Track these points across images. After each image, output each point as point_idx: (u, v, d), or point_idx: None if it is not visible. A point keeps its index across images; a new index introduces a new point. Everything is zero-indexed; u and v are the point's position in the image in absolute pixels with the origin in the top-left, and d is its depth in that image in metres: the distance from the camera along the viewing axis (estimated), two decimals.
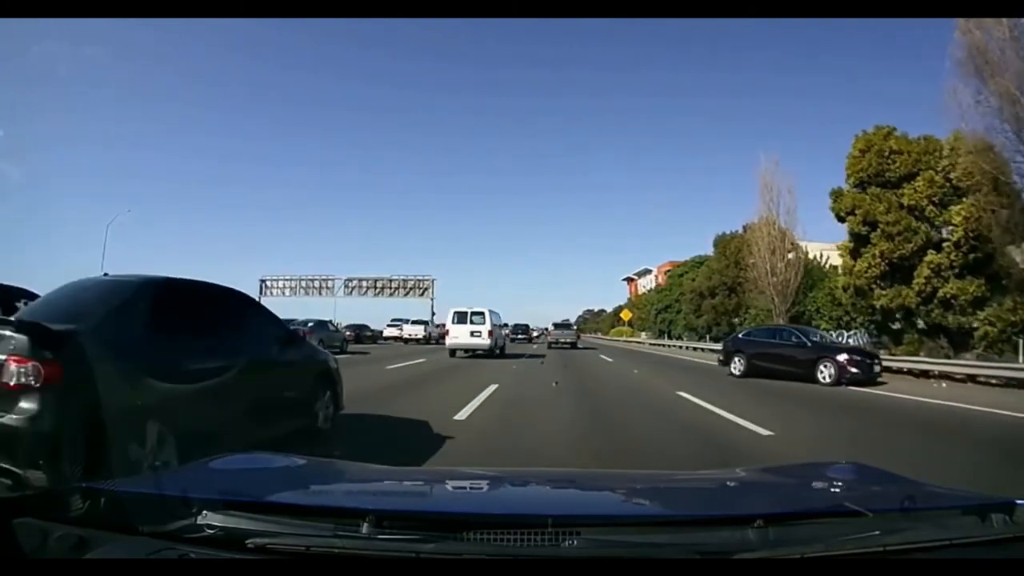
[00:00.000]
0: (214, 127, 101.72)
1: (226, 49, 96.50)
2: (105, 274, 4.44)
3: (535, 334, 49.07)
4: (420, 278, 50.31)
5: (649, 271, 79.15)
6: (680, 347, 34.06)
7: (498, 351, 20.27)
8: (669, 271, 70.06)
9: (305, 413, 5.03)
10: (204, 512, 1.11)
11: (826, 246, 28.57)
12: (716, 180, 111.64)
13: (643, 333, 52.96)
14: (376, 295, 49.63)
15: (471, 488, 1.84)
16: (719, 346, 27.14)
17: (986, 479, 4.26)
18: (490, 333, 19.30)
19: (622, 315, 59.10)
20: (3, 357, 2.77)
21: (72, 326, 3.10)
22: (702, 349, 29.85)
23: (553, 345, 31.51)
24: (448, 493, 1.74)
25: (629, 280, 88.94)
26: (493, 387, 9.88)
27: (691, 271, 44.24)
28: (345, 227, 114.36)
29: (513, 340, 33.94)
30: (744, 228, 32.21)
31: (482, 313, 19.43)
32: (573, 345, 31.89)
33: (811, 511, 1.28)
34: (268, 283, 49.20)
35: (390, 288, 49.63)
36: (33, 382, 2.76)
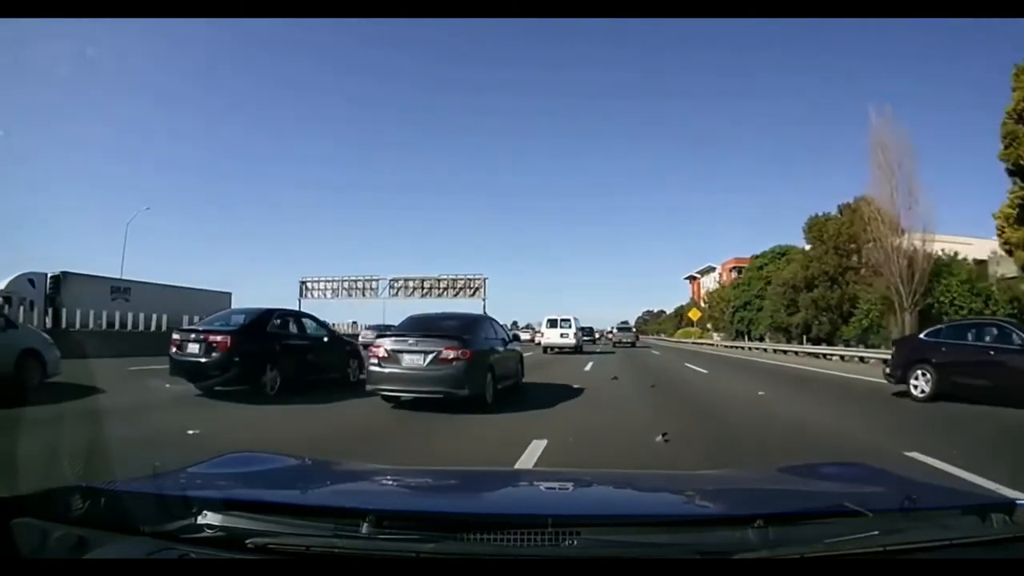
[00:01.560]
0: (249, 126, 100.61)
1: (270, 49, 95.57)
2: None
3: (596, 336, 47.40)
4: (471, 277, 47.35)
5: (713, 268, 76.21)
6: (763, 350, 30.25)
7: (579, 348, 25.65)
8: (736, 267, 65.31)
9: (341, 371, 10.21)
10: (204, 512, 1.11)
11: (947, 239, 24.39)
12: (781, 171, 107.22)
13: (715, 334, 49.05)
14: (424, 296, 46.57)
15: (471, 488, 1.84)
16: (819, 348, 24.29)
17: None
18: (575, 335, 25.08)
19: (690, 314, 54.79)
20: (218, 338, 8.30)
21: (232, 327, 8.76)
22: (795, 352, 25.66)
23: (617, 344, 38.74)
24: (448, 493, 1.74)
25: (691, 279, 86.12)
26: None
27: (773, 263, 40.47)
28: (390, 227, 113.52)
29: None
30: (840, 210, 28.67)
31: (569, 320, 25.35)
32: (633, 344, 40.22)
33: (811, 511, 1.28)
34: (308, 284, 47.14)
35: (438, 288, 46.75)
36: (219, 347, 8.16)
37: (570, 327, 25.10)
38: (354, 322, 41.07)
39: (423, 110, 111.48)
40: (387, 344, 7.49)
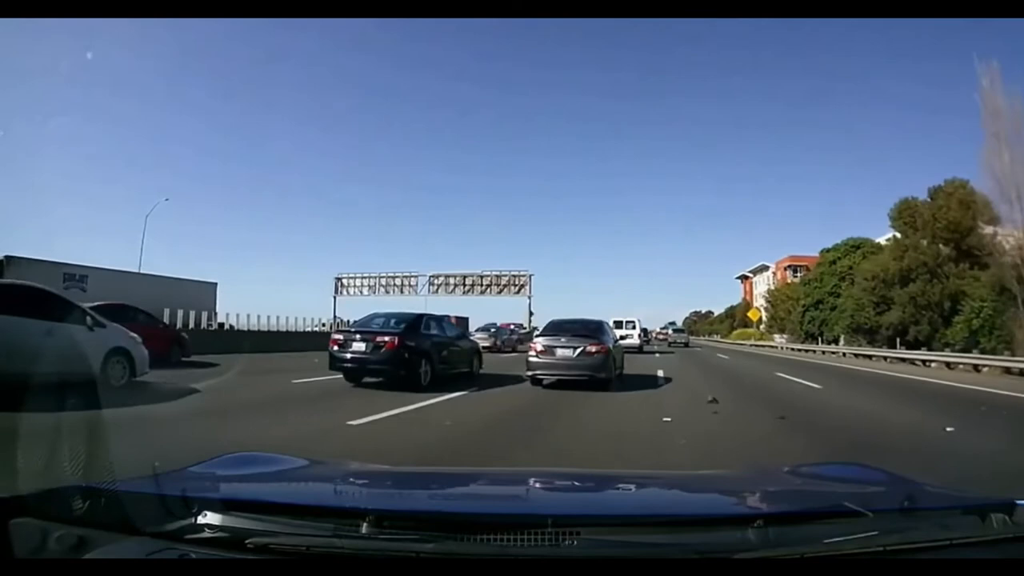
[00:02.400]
0: (284, 120, 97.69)
1: (324, 46, 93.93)
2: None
3: (649, 337, 47.51)
4: (516, 273, 44.72)
5: (766, 267, 74.15)
6: (841, 354, 26.36)
7: (641, 348, 27.72)
8: (791, 264, 62.61)
9: (468, 365, 11.81)
10: (204, 512, 1.11)
11: None
12: (833, 169, 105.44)
13: (778, 335, 44.53)
14: (466, 292, 44.71)
15: (471, 488, 1.84)
16: (921, 354, 20.15)
17: None
18: (638, 335, 27.72)
19: (749, 314, 49.82)
20: (386, 338, 9.57)
21: (395, 329, 9.99)
22: (884, 357, 21.56)
23: (672, 344, 40.74)
24: (448, 493, 1.74)
25: (743, 278, 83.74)
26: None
27: (847, 257, 36.23)
28: (431, 225, 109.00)
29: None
30: (931, 194, 25.43)
31: (633, 321, 27.82)
32: (686, 344, 42.39)
33: (811, 511, 1.28)
34: (344, 281, 45.81)
35: (481, 285, 44.61)
36: (387, 345, 9.45)
37: (634, 328, 27.29)
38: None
39: (464, 105, 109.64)
40: (543, 341, 10.44)
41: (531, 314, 41.35)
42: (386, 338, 9.54)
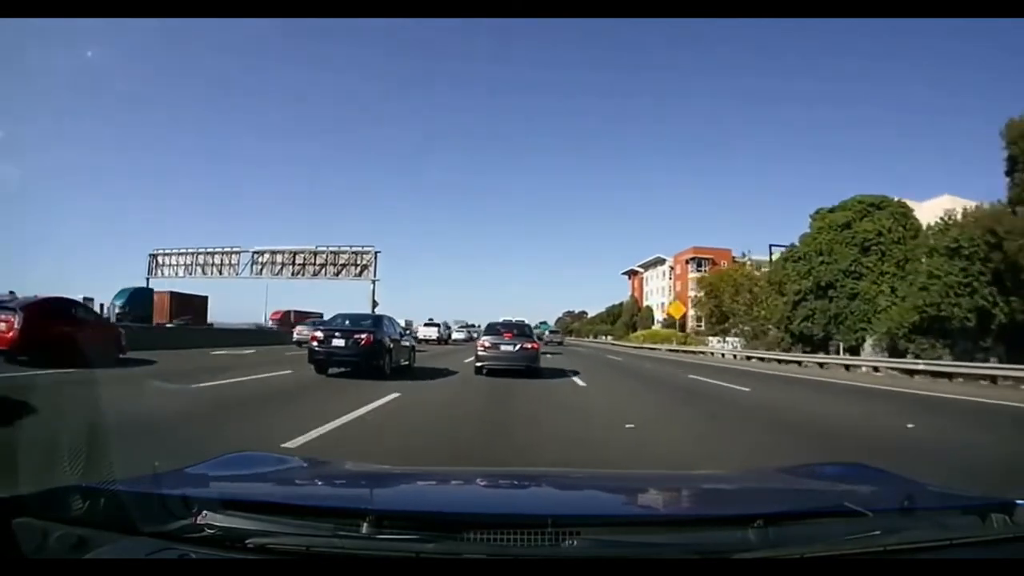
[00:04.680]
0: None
1: None
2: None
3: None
4: (357, 251, 36.83)
5: (662, 260, 68.31)
6: (895, 370, 17.01)
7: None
8: (696, 257, 59.05)
9: (408, 359, 13.49)
10: (204, 512, 1.11)
11: None
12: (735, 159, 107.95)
13: (717, 340, 35.12)
14: (296, 274, 37.06)
15: (471, 488, 1.84)
16: None
17: None
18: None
19: (669, 311, 40.10)
20: (363, 335, 11.12)
21: (369, 327, 11.69)
22: (991, 377, 13.45)
23: (547, 344, 36.87)
24: (448, 493, 1.74)
25: (631, 274, 78.47)
26: None
27: (871, 218, 25.04)
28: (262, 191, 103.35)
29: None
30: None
31: (525, 325, 25.31)
32: (560, 343, 41.04)
33: (811, 511, 1.28)
34: (160, 259, 38.38)
35: (315, 265, 36.80)
36: (364, 342, 11.04)
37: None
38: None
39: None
40: (489, 339, 12.78)
41: (375, 303, 33.87)
42: (363, 335, 11.13)
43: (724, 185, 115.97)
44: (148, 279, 37.62)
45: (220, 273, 37.68)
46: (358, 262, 36.81)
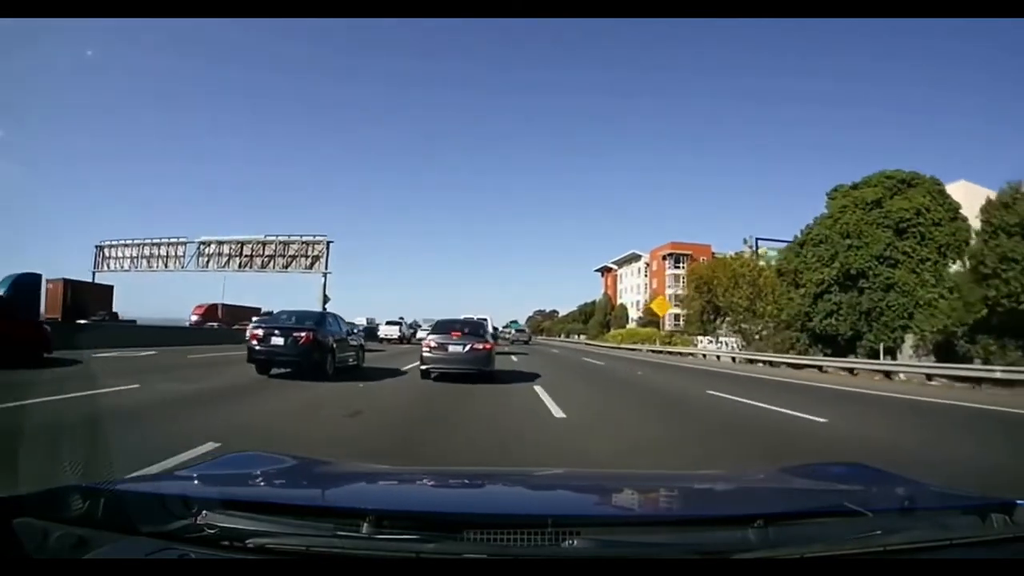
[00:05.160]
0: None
1: None
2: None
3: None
4: (309, 240, 34.44)
5: (638, 256, 65.68)
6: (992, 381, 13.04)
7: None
8: (674, 252, 56.52)
9: (356, 359, 13.08)
10: (204, 512, 1.11)
11: None
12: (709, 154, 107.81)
13: (707, 340, 31.29)
14: (243, 266, 34.95)
15: (471, 488, 1.84)
16: None
17: None
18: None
19: (653, 306, 37.76)
20: (302, 333, 10.56)
21: (310, 325, 11.02)
22: None
23: (513, 343, 38.03)
24: (448, 493, 1.74)
25: (605, 271, 75.34)
26: None
27: (904, 194, 21.49)
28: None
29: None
30: None
31: (484, 321, 23.26)
32: (526, 342, 41.33)
33: (811, 511, 1.28)
34: (106, 251, 36.11)
35: (263, 256, 34.79)
36: (303, 340, 10.44)
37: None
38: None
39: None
40: (435, 339, 11.25)
41: (326, 298, 32.23)
42: (302, 333, 10.50)
43: (701, 185, 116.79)
44: (94, 273, 35.04)
45: (166, 266, 35.22)
46: (309, 253, 34.17)
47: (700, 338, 32.47)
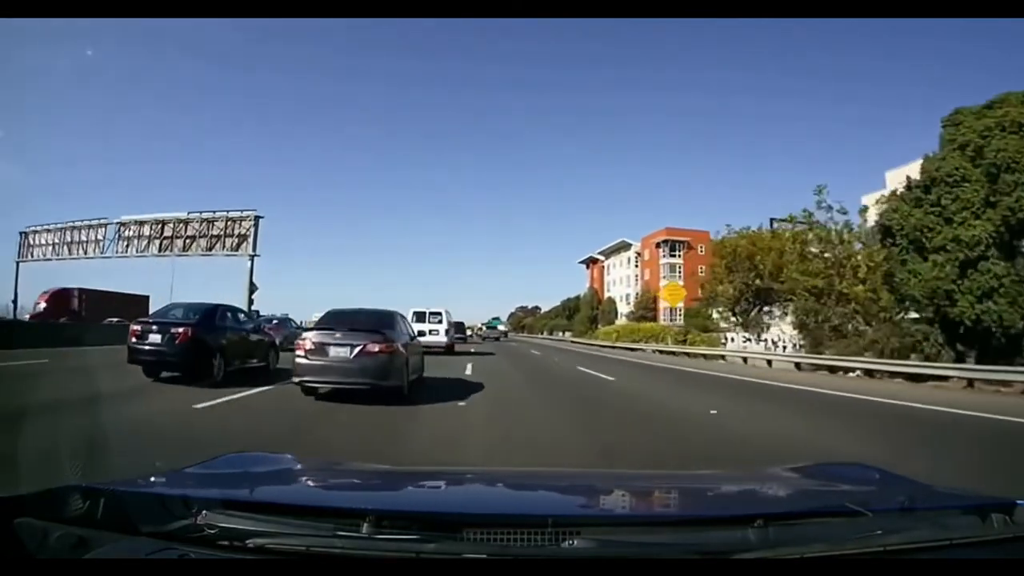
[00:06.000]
0: None
1: None
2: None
3: (469, 333, 39.11)
4: (235, 216, 29.17)
5: (628, 245, 60.91)
6: None
7: (456, 349, 22.35)
8: (669, 239, 52.13)
9: (264, 359, 11.47)
10: (204, 512, 1.11)
11: None
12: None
13: (741, 336, 24.39)
14: (164, 250, 30.39)
15: (471, 488, 1.84)
16: None
17: None
18: (446, 331, 20.54)
19: (664, 295, 32.17)
20: (179, 329, 8.92)
21: (191, 320, 9.38)
22: None
23: (485, 339, 38.91)
24: (448, 493, 1.74)
25: (591, 262, 71.22)
26: None
27: None
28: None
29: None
30: None
31: (439, 313, 20.84)
32: (498, 339, 40.91)
33: (811, 511, 1.28)
34: (31, 237, 32.73)
35: (183, 237, 29.92)
36: (184, 336, 8.92)
37: (440, 322, 20.29)
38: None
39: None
40: (313, 338, 7.79)
41: (253, 287, 28.08)
42: (179, 329, 8.95)
43: (694, 170, 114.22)
44: (18, 263, 32.28)
45: (86, 252, 31.14)
46: (234, 231, 28.80)
47: (729, 334, 25.54)
